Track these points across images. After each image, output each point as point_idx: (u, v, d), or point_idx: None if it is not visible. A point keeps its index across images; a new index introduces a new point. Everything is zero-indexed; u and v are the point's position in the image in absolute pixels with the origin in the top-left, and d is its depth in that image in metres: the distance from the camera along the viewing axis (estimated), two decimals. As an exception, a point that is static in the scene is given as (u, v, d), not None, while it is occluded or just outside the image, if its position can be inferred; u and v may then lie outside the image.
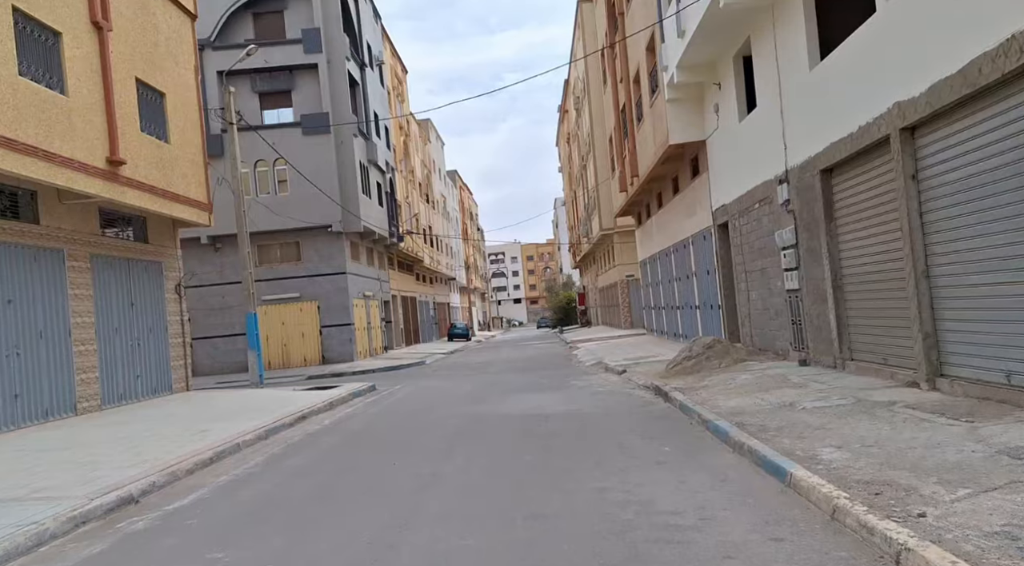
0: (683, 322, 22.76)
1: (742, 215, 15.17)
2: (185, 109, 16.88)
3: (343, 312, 30.92)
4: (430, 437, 9.61)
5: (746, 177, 14.61)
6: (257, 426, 11.50)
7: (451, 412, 12.08)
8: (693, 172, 19.62)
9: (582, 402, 12.02)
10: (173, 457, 9.06)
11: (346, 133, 30.86)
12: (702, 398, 10.23)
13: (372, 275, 36.07)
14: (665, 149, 18.50)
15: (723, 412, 8.82)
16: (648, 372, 15.30)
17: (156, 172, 15.21)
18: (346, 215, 30.61)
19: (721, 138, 16.26)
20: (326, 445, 9.88)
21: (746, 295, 15.53)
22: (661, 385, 12.23)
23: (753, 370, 12.60)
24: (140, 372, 15.69)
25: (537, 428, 9.62)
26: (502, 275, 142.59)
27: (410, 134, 48.41)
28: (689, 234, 20.55)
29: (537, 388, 14.96)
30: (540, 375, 18.36)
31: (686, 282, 21.74)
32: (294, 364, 30.64)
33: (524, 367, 22.07)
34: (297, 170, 28.78)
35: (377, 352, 35.54)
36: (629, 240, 40.24)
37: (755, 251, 14.56)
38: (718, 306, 18.00)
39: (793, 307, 12.64)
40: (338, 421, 12.39)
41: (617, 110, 26.59)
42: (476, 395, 14.63)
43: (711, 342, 14.19)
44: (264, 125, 30.73)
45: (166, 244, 17.24)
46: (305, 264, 30.96)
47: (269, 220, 29.87)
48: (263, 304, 30.60)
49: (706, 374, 13.23)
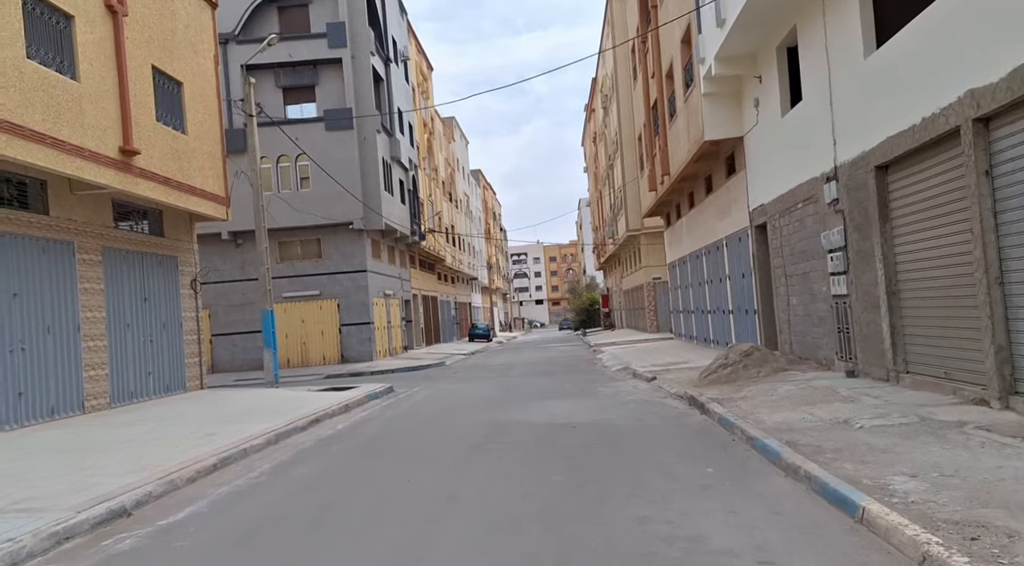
0: (714, 327, 21.90)
1: (783, 215, 14.33)
2: (203, 100, 16.38)
3: (363, 311, 30.41)
4: (448, 448, 8.93)
5: (788, 175, 13.78)
6: (267, 429, 10.91)
7: (471, 419, 11.40)
8: (728, 171, 18.77)
9: (611, 411, 11.28)
10: (175, 463, 8.47)
11: (369, 129, 30.35)
12: (743, 411, 9.45)
13: (393, 274, 35.56)
14: (700, 146, 17.69)
15: (769, 428, 8.05)
16: (680, 380, 14.51)
17: (172, 164, 14.72)
18: (368, 212, 30.10)
19: (760, 134, 15.43)
20: (337, 453, 9.24)
21: (785, 300, 14.69)
22: (696, 395, 11.45)
23: (795, 381, 11.78)
24: (152, 369, 15.20)
25: (564, 441, 8.90)
26: (524, 276, 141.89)
27: (434, 132, 47.89)
28: (723, 236, 19.70)
29: (562, 394, 14.24)
30: (564, 380, 17.64)
31: (719, 285, 20.89)
32: (313, 362, 30.19)
33: (547, 371, 21.35)
34: (319, 166, 28.31)
35: (397, 352, 35.01)
36: (656, 242, 39.35)
37: (797, 254, 13.72)
38: (754, 311, 17.15)
39: (840, 314, 11.80)
40: (353, 426, 11.76)
41: (648, 107, 25.79)
42: (497, 400, 13.94)
43: (749, 349, 13.37)
44: (287, 120, 30.31)
45: (182, 238, 16.76)
46: (326, 261, 30.50)
47: (290, 216, 29.44)
48: (283, 301, 30.18)
49: (743, 384, 12.42)
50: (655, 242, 39.46)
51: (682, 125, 19.86)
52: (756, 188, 16.16)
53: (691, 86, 18.11)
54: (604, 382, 16.38)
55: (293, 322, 30.30)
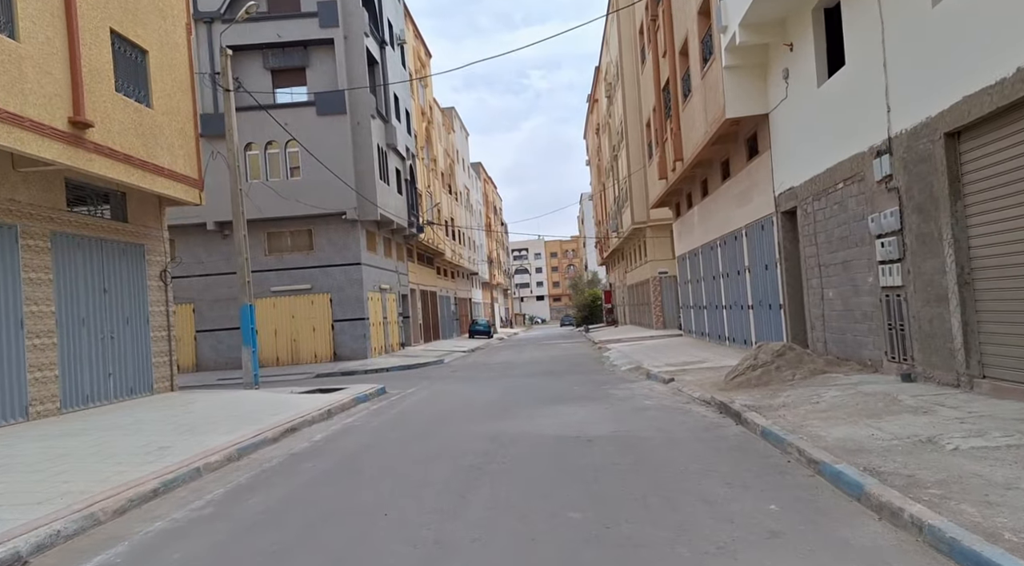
0: (730, 324, 20.37)
1: (817, 198, 12.79)
2: (173, 71, 14.83)
3: (357, 305, 28.89)
4: (439, 469, 7.41)
5: (825, 152, 12.24)
6: (231, 442, 9.39)
7: (469, 429, 9.88)
8: (749, 153, 17.23)
9: (629, 420, 9.75)
10: (106, 488, 6.96)
11: (363, 114, 28.79)
12: (790, 423, 7.92)
13: (389, 267, 34.03)
14: (719, 125, 16.14)
15: (832, 447, 6.54)
16: (701, 382, 12.99)
17: (134, 139, 13.17)
18: (362, 202, 28.55)
19: (790, 109, 13.88)
20: (307, 475, 7.71)
21: (819, 293, 13.15)
22: (726, 401, 9.93)
23: (839, 385, 10.26)
24: (113, 370, 13.66)
25: (580, 459, 7.38)
26: (525, 272, 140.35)
27: (433, 121, 46.31)
28: (742, 224, 18.16)
29: (571, 398, 12.71)
30: (572, 380, 16.12)
31: (736, 278, 19.35)
32: (303, 360, 28.68)
33: (551, 370, 19.83)
34: (309, 152, 26.76)
35: (393, 349, 33.50)
36: (663, 234, 37.81)
37: (835, 241, 12.18)
38: (779, 306, 15.61)
39: (891, 308, 10.26)
40: (332, 437, 10.24)
41: (658, 89, 24.22)
42: (499, 405, 12.42)
43: (781, 349, 11.84)
44: (275, 104, 28.72)
45: (150, 224, 15.22)
46: (317, 254, 28.97)
47: (279, 206, 27.92)
48: (271, 296, 28.69)
49: (778, 388, 10.90)
50: (662, 235, 37.92)
51: (698, 104, 18.31)
52: (783, 170, 14.62)
53: (710, 60, 16.56)
54: (615, 383, 14.86)
55: (283, 318, 28.78)
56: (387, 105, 32.29)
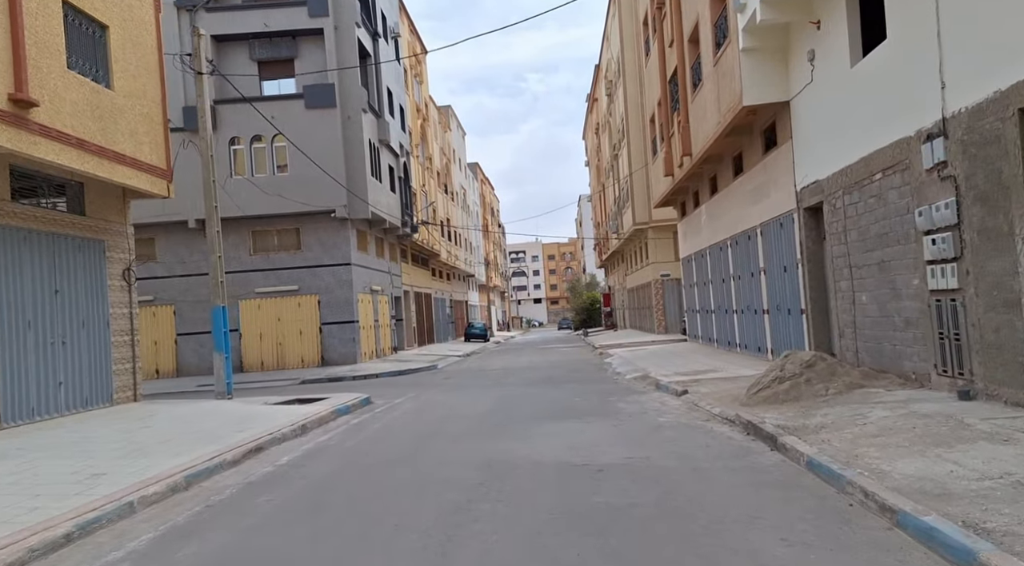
0: (743, 329, 19.07)
1: (848, 192, 11.50)
2: (138, 51, 13.51)
3: (346, 308, 27.55)
4: (419, 509, 6.09)
5: (859, 140, 10.96)
6: (182, 466, 8.07)
7: (457, 453, 8.56)
8: (766, 145, 15.95)
9: (644, 442, 8.44)
10: (6, 533, 5.64)
11: (354, 107, 27.47)
12: (841, 452, 6.62)
13: (381, 268, 32.70)
14: (735, 114, 14.86)
15: (904, 487, 5.25)
16: (719, 395, 11.69)
17: (90, 123, 11.84)
18: (352, 199, 27.23)
19: (816, 94, 12.60)
20: (259, 513, 6.39)
21: (849, 297, 11.86)
22: (754, 420, 8.63)
23: (883, 402, 8.96)
24: (64, 379, 12.30)
25: (589, 497, 6.07)
26: (522, 274, 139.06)
27: (428, 118, 45.03)
28: (756, 223, 16.87)
29: (574, 412, 11.40)
30: (573, 390, 14.81)
31: (749, 281, 18.06)
32: (290, 365, 27.32)
33: (551, 377, 18.51)
34: (296, 147, 25.43)
35: (385, 353, 32.15)
36: (666, 236, 36.58)
37: (870, 239, 10.89)
38: (800, 311, 14.32)
39: (943, 314, 8.97)
40: (301, 459, 8.91)
41: (664, 81, 22.96)
42: (493, 420, 11.10)
43: (811, 359, 10.55)
44: (262, 96, 27.41)
45: (111, 218, 13.88)
46: (305, 253, 27.63)
47: (265, 203, 26.58)
48: (256, 297, 27.36)
49: (810, 404, 9.61)
50: (664, 236, 36.69)
51: (710, 94, 17.03)
52: (807, 162, 13.34)
53: (724, 44, 15.28)
54: (622, 395, 13.54)
55: (268, 320, 27.42)
56: (380, 99, 30.99)
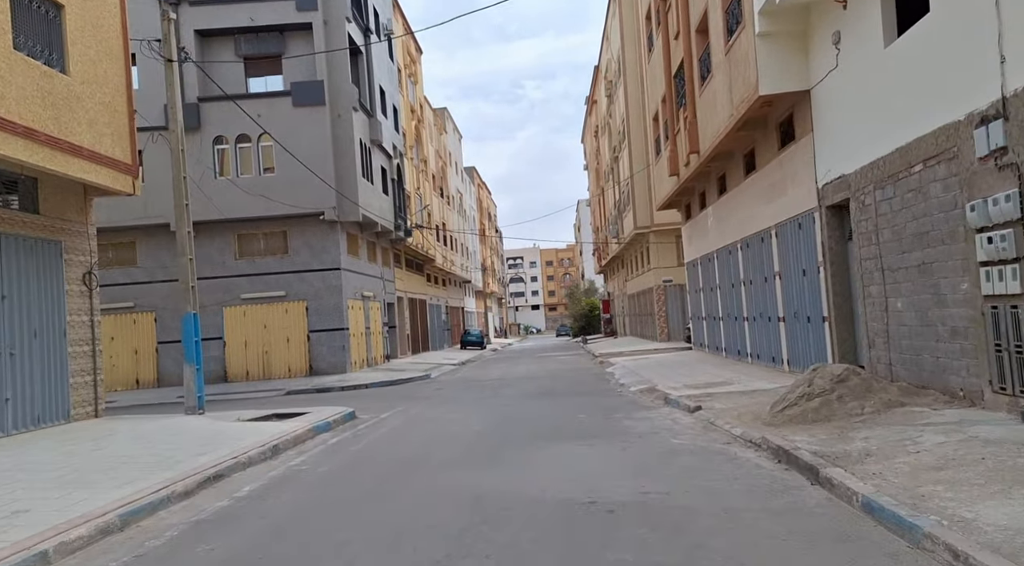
0: (755, 338, 17.91)
1: (881, 187, 10.37)
2: (99, 34, 12.37)
3: (336, 314, 26.37)
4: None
5: (894, 128, 9.84)
6: (121, 500, 6.90)
7: (443, 484, 7.39)
8: (782, 140, 14.84)
9: (659, 472, 7.27)
10: None
11: (344, 105, 26.36)
12: (902, 489, 5.46)
13: (373, 273, 31.53)
14: (749, 106, 13.74)
15: (1001, 544, 4.10)
16: (737, 412, 10.53)
17: (40, 110, 10.69)
18: (342, 201, 26.09)
19: (842, 81, 11.49)
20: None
21: (881, 303, 10.71)
22: (786, 446, 7.47)
23: (934, 424, 7.81)
24: (11, 394, 11.09)
25: (600, 554, 4.88)
26: (520, 280, 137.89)
27: (423, 120, 43.92)
28: (771, 223, 15.75)
29: (575, 432, 10.23)
30: (574, 405, 13.64)
31: (762, 286, 16.92)
32: (276, 374, 26.11)
33: (551, 389, 17.34)
34: (283, 146, 24.29)
35: (377, 362, 30.96)
36: (668, 240, 35.46)
37: (907, 238, 9.76)
38: (821, 318, 13.17)
39: (1001, 323, 7.83)
40: (264, 490, 7.72)
41: (668, 76, 21.86)
42: (486, 440, 9.94)
43: (842, 373, 9.39)
44: (248, 94, 26.29)
45: (70, 217, 12.70)
46: (293, 257, 26.46)
47: (251, 205, 25.44)
48: (242, 303, 26.17)
49: (845, 425, 8.45)
50: (666, 240, 35.56)
51: (720, 85, 15.92)
52: (831, 156, 12.22)
53: (737, 30, 14.17)
54: (628, 410, 12.38)
55: (254, 327, 26.22)
56: (371, 98, 29.87)
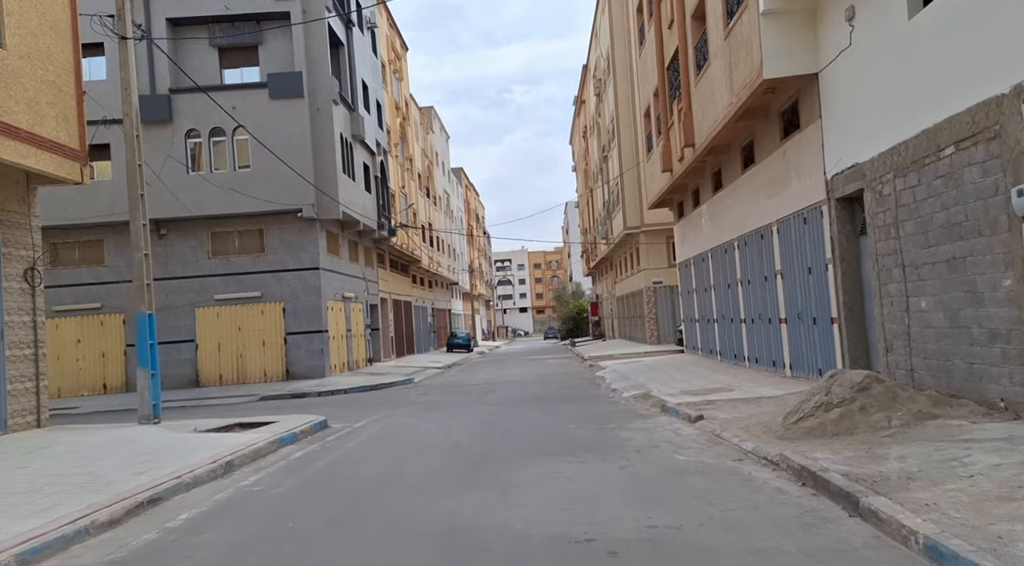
0: (753, 341, 16.95)
1: (903, 174, 9.41)
2: (41, 5, 11.23)
3: (314, 316, 25.21)
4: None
5: (919, 108, 8.88)
6: (28, 533, 5.83)
7: (414, 512, 6.33)
8: (785, 130, 13.90)
9: (667, 499, 6.24)
10: None
11: (324, 98, 25.23)
12: (975, 531, 4.45)
13: (355, 273, 30.38)
14: (752, 91, 12.78)
15: None
16: (744, 422, 9.53)
17: (-32, 86, 9.55)
18: (321, 197, 24.95)
19: (856, 60, 10.54)
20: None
21: (901, 303, 9.75)
22: (811, 466, 6.46)
23: (978, 440, 6.83)
24: (-66, 403, 9.98)
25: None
26: (508, 283, 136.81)
27: (409, 117, 42.82)
28: (772, 219, 14.80)
29: (567, 445, 9.19)
30: (565, 413, 12.60)
31: (761, 285, 15.96)
32: (251, 379, 24.91)
33: (539, 395, 16.30)
34: (259, 141, 23.13)
35: (359, 365, 29.80)
36: (658, 240, 34.59)
37: (935, 230, 8.80)
38: (829, 319, 12.21)
39: (1053, 325, 6.85)
40: (202, 519, 6.62)
41: (661, 68, 20.91)
42: (467, 457, 8.88)
43: (863, 381, 8.40)
44: (222, 85, 25.12)
45: (9, 208, 11.54)
46: (269, 256, 25.29)
47: (226, 201, 24.27)
48: (215, 304, 24.96)
49: (871, 440, 7.47)
50: (656, 241, 34.68)
51: (718, 73, 14.96)
52: (842, 143, 11.26)
53: (739, 10, 13.21)
54: (623, 419, 11.35)
55: (227, 329, 25.02)
56: (353, 92, 28.75)
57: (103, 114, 18.80)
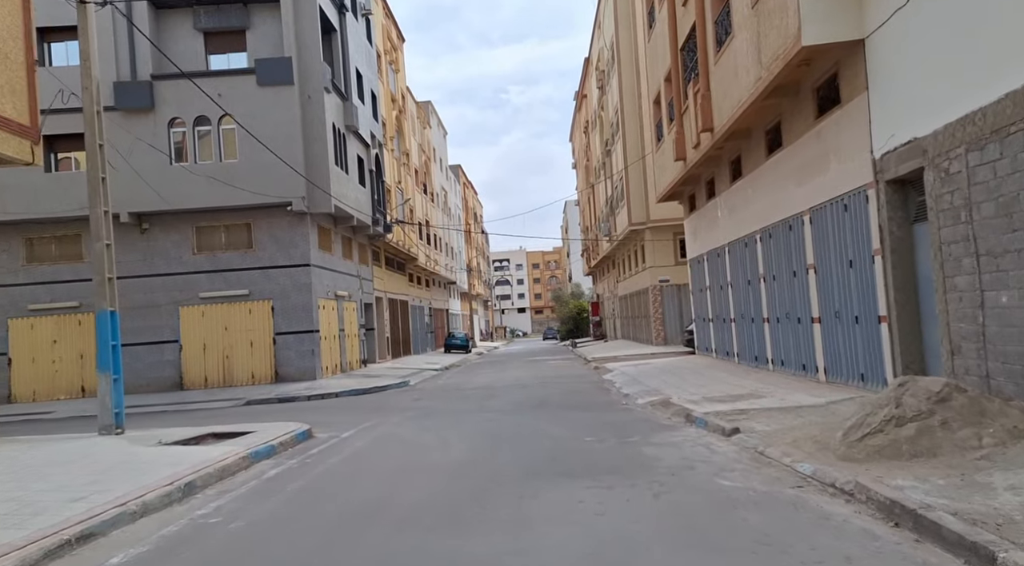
0: (779, 342, 15.58)
1: (978, 147, 8.06)
2: (-17, -41, 9.85)
3: (305, 315, 23.84)
4: None
5: (1002, 69, 7.53)
6: None
7: (399, 561, 4.97)
8: (821, 108, 12.54)
9: (723, 548, 4.86)
10: None
11: (315, 86, 23.86)
12: None
13: (349, 271, 29.01)
14: (787, 62, 11.42)
15: None
16: (790, 436, 8.17)
17: None
18: (312, 190, 23.59)
19: (912, 20, 9.19)
20: None
21: (973, 298, 8.39)
22: (904, 501, 5.11)
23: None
24: None
25: None
26: (506, 283, 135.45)
27: (405, 110, 41.45)
28: (803, 207, 13.44)
29: (585, 463, 7.83)
30: (577, 421, 11.24)
31: (790, 281, 14.60)
32: (238, 381, 23.53)
33: (544, 400, 14.93)
34: (246, 129, 21.74)
35: (352, 367, 28.42)
36: (664, 237, 33.24)
37: (1021, 212, 7.44)
38: (876, 318, 10.85)
39: None
40: (134, 564, 5.27)
41: (675, 49, 19.54)
42: (466, 482, 7.50)
43: (944, 391, 7.04)
44: (207, 71, 23.75)
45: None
46: (258, 252, 23.91)
47: (212, 194, 22.90)
48: (200, 303, 23.58)
49: (961, 463, 6.12)
50: (663, 237, 33.34)
51: (744, 46, 13.61)
52: (895, 117, 9.91)
53: (771, -26, 11.85)
54: (644, 431, 9.98)
55: (214, 329, 23.64)
56: (346, 80, 27.38)
57: (80, 102, 17.45)
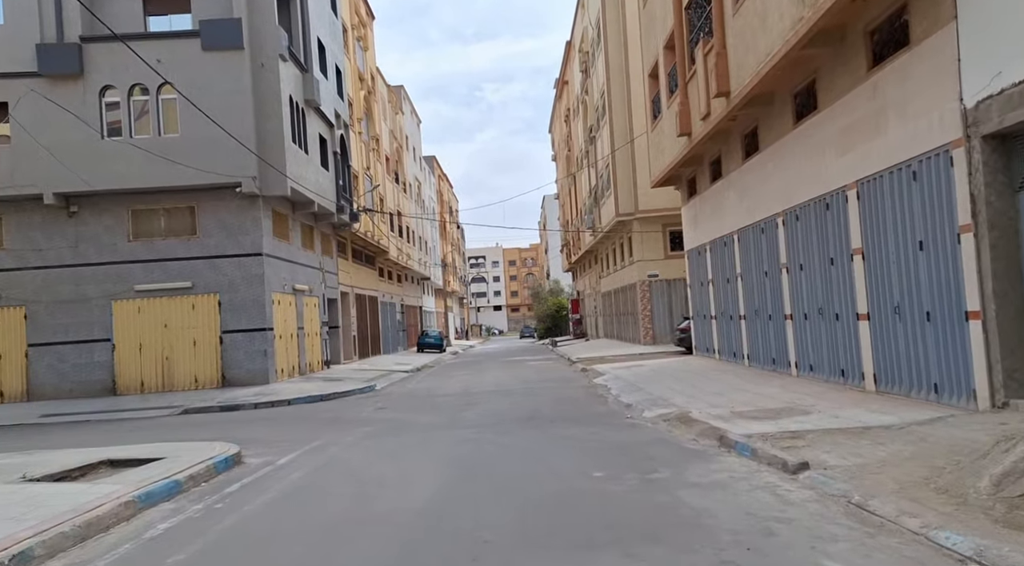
0: (805, 343, 13.22)
1: None
2: None
3: (257, 311, 21.12)
4: None
5: None
6: None
7: None
8: (877, 55, 10.20)
9: None
10: None
11: (269, 52, 21.13)
12: None
13: (309, 262, 26.26)
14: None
15: None
16: (882, 474, 5.77)
17: None
18: (265, 170, 20.86)
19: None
20: None
21: None
22: None
23: None
24: None
25: None
26: (482, 280, 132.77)
27: (375, 91, 38.69)
28: (848, 180, 11.10)
29: (606, 523, 5.35)
30: (577, 443, 8.77)
31: (825, 271, 12.26)
32: (179, 386, 20.75)
33: (533, 412, 12.44)
34: (188, 99, 18.94)
35: (313, 369, 25.69)
36: (654, 228, 30.97)
37: None
38: (963, 314, 8.50)
39: None
40: None
41: (679, 8, 17.14)
42: (436, 537, 4.99)
43: None
44: (145, 33, 20.93)
45: None
46: (202, 240, 21.12)
47: (149, 173, 20.11)
48: (136, 296, 20.77)
49: None
50: (652, 229, 31.06)
51: (775, -12, 11.22)
52: (997, 52, 7.58)
53: None
54: (670, 459, 7.52)
55: (151, 327, 20.82)
56: (307, 50, 24.63)
57: None
